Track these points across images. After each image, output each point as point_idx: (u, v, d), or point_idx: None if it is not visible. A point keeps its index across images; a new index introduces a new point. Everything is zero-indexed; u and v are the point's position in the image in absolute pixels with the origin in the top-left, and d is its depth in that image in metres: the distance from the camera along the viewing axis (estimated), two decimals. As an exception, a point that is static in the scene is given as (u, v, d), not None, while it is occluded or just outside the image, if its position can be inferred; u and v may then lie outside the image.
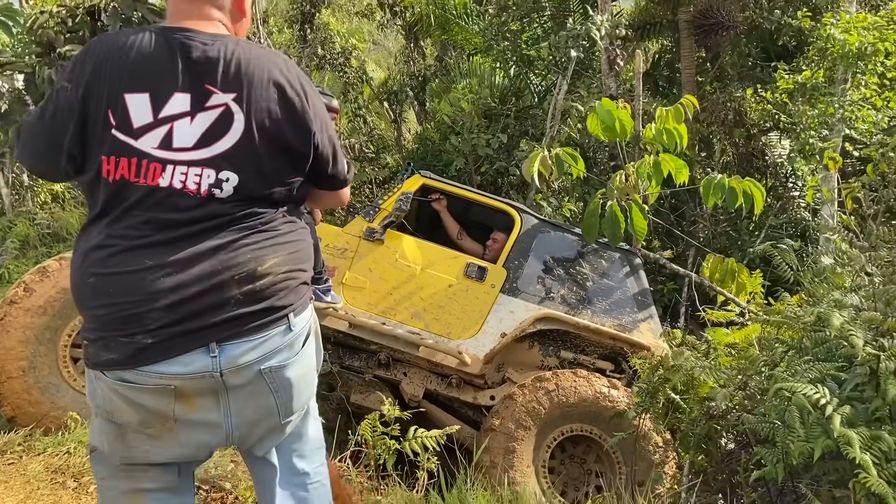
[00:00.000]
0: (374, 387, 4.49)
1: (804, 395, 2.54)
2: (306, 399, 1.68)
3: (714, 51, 9.73)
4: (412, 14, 11.18)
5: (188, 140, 1.49)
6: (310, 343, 1.66)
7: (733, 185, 4.63)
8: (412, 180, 4.80)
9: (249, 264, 1.51)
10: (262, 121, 1.52)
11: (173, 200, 1.48)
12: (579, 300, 4.66)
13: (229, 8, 1.63)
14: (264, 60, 1.55)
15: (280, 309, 1.55)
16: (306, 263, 1.65)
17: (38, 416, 3.71)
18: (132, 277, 1.46)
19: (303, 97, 1.58)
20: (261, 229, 1.56)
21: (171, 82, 1.49)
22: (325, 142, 1.65)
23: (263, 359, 1.53)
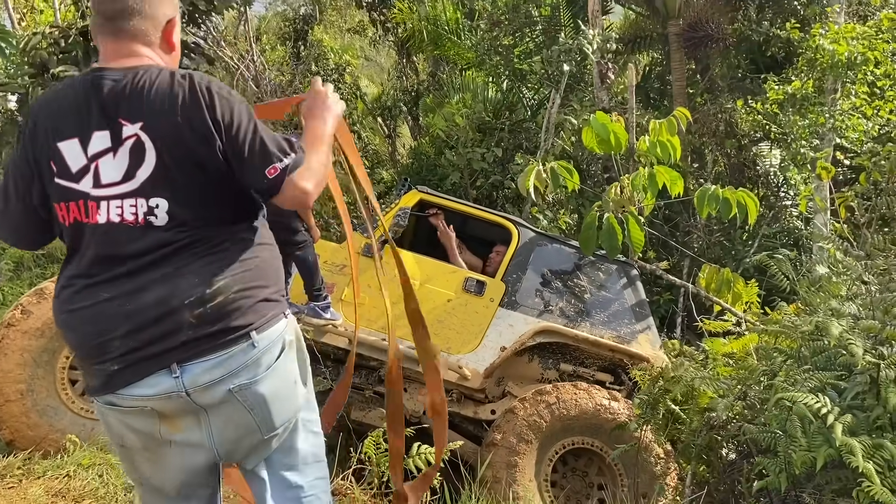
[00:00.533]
0: (375, 403, 4.48)
1: (805, 404, 2.55)
2: (290, 412, 1.70)
3: (704, 63, 9.83)
4: (404, 30, 11.25)
5: (115, 175, 1.56)
6: (286, 357, 1.66)
7: (727, 196, 4.66)
8: (409, 195, 4.81)
9: (197, 289, 1.55)
10: (168, 143, 1.56)
11: (116, 234, 1.56)
12: (578, 312, 4.68)
13: (158, 43, 1.68)
14: (166, 83, 1.58)
15: (237, 329, 1.58)
16: (263, 280, 1.65)
17: (36, 440, 3.69)
18: (93, 311, 1.56)
19: (204, 109, 1.56)
20: (207, 253, 1.59)
21: (91, 123, 1.57)
22: (238, 146, 1.58)
23: (228, 377, 1.57)
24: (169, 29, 1.70)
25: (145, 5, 1.64)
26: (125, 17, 1.62)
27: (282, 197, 1.62)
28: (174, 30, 1.72)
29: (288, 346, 1.67)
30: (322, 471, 1.79)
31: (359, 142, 11.39)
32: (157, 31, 1.67)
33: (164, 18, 1.68)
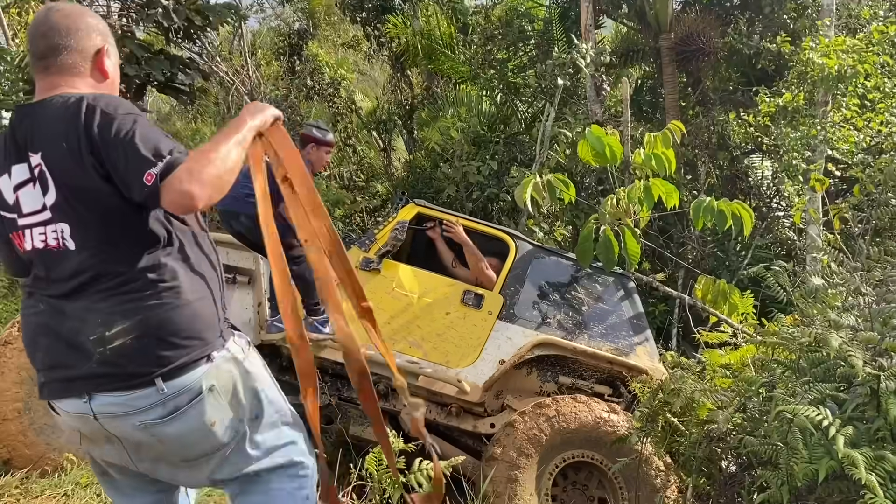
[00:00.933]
0: (374, 418, 4.46)
1: (806, 416, 2.56)
2: (206, 449, 1.74)
3: (695, 76, 9.92)
4: (398, 44, 11.31)
5: (35, 204, 1.65)
6: (200, 403, 1.68)
7: (722, 208, 4.70)
8: (407, 209, 4.83)
9: (99, 328, 1.61)
10: (59, 171, 1.62)
11: (44, 259, 1.67)
12: (576, 325, 4.69)
13: (89, 73, 1.76)
14: (59, 111, 1.64)
15: (138, 375, 1.62)
16: (171, 325, 1.65)
17: (34, 459, 3.67)
18: (31, 321, 1.73)
19: (81, 131, 1.59)
20: (114, 292, 1.64)
21: (11, 158, 1.68)
22: (113, 159, 1.59)
23: (134, 413, 1.63)
24: (99, 58, 1.78)
25: (72, 40, 1.72)
26: (54, 53, 1.71)
27: (165, 204, 1.57)
28: (104, 59, 1.79)
29: (206, 392, 1.68)
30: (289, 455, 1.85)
31: (354, 155, 11.43)
32: (87, 62, 1.75)
33: (93, 49, 1.76)
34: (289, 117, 10.58)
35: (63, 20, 1.73)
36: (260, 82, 12.05)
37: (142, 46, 7.89)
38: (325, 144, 4.37)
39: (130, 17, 7.76)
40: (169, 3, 7.40)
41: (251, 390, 1.79)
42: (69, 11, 1.76)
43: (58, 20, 1.73)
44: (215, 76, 11.58)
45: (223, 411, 1.73)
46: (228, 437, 1.75)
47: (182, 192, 1.53)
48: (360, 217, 10.09)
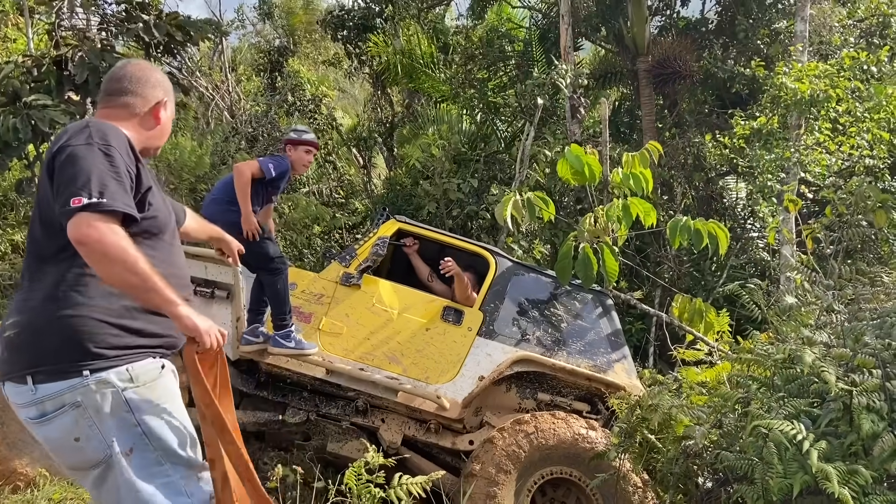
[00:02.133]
0: (352, 434, 4.44)
1: (781, 431, 2.60)
2: (75, 462, 1.83)
3: (672, 98, 10.11)
4: (379, 63, 11.38)
5: None
6: (65, 415, 1.76)
7: (699, 228, 4.78)
8: (388, 225, 4.84)
9: (8, 318, 1.83)
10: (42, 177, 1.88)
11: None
12: (555, 342, 4.71)
13: (142, 117, 2.08)
14: (64, 131, 1.90)
15: (16, 367, 1.79)
16: (59, 333, 1.76)
17: (6, 474, 3.60)
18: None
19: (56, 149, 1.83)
20: (27, 288, 1.85)
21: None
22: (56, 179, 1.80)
23: (20, 406, 1.81)
24: (157, 108, 2.10)
25: (138, 87, 2.07)
26: (119, 94, 2.05)
27: (67, 228, 1.74)
28: (161, 110, 2.11)
29: (70, 407, 1.76)
30: None
31: (334, 172, 11.43)
32: (146, 107, 2.08)
33: (154, 100, 2.09)
34: (269, 133, 10.57)
35: (136, 72, 2.09)
36: (240, 98, 12.04)
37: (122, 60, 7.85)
38: (302, 143, 4.37)
39: (110, 32, 7.73)
40: (150, 17, 7.38)
41: (125, 420, 1.81)
42: (143, 66, 2.14)
43: (131, 71, 2.09)
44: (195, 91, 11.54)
45: (88, 430, 1.78)
46: (96, 458, 1.80)
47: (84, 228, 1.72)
48: (339, 233, 10.07)
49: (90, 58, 7.03)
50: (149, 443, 1.84)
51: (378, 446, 4.19)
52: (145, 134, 2.08)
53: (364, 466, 3.12)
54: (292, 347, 4.20)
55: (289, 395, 4.51)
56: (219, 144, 10.32)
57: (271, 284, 4.18)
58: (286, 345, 4.19)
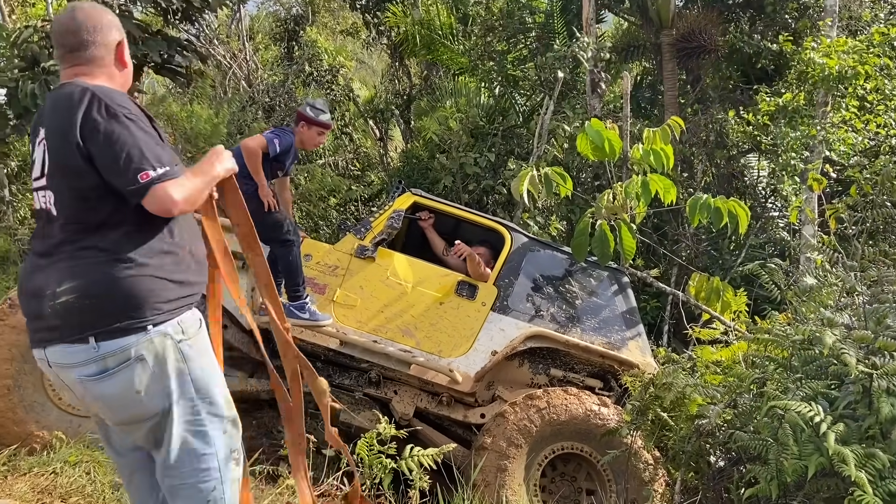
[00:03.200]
0: (365, 405, 4.47)
1: (798, 412, 2.57)
2: (136, 415, 1.92)
3: (695, 73, 9.91)
4: (397, 34, 11.25)
5: (37, 171, 1.96)
6: (129, 369, 1.86)
7: (718, 206, 4.70)
8: (403, 198, 4.81)
9: (52, 285, 1.86)
10: (52, 148, 1.91)
11: (40, 218, 1.98)
12: (569, 318, 4.69)
13: (112, 64, 2.05)
14: (64, 98, 1.90)
15: (78, 329, 1.84)
16: (116, 294, 1.86)
17: (22, 436, 3.65)
18: (20, 276, 2.00)
19: (76, 119, 1.86)
20: (72, 255, 1.88)
21: (34, 132, 1.99)
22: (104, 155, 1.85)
23: (75, 366, 1.86)
24: (120, 50, 2.07)
25: (98, 36, 2.01)
26: (83, 47, 1.99)
27: (147, 203, 1.86)
28: (124, 50, 2.08)
29: (135, 361, 1.86)
30: (203, 463, 1.97)
31: (350, 144, 11.37)
32: (111, 54, 2.04)
33: (114, 42, 2.05)
34: (286, 103, 10.52)
35: (89, 20, 2.01)
36: (257, 67, 11.97)
37: (139, 27, 7.81)
38: (317, 124, 4.33)
39: (129, -3, 7.69)
40: (168, -17, 7.34)
41: (181, 372, 1.94)
42: (90, 11, 2.05)
43: (83, 18, 2.01)
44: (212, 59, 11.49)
45: (150, 383, 1.89)
46: (154, 409, 1.91)
47: (169, 199, 1.86)
48: (354, 206, 10.05)
49: (108, 24, 7.01)
50: (195, 393, 1.96)
51: (390, 417, 4.21)
52: (119, 82, 2.07)
53: (376, 437, 3.13)
54: (307, 318, 4.22)
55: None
56: (235, 114, 10.29)
57: (283, 256, 4.19)
58: (301, 316, 4.20)
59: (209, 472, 1.98)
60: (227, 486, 2.02)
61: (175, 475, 1.96)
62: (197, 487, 1.96)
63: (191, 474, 1.96)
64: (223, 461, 2.01)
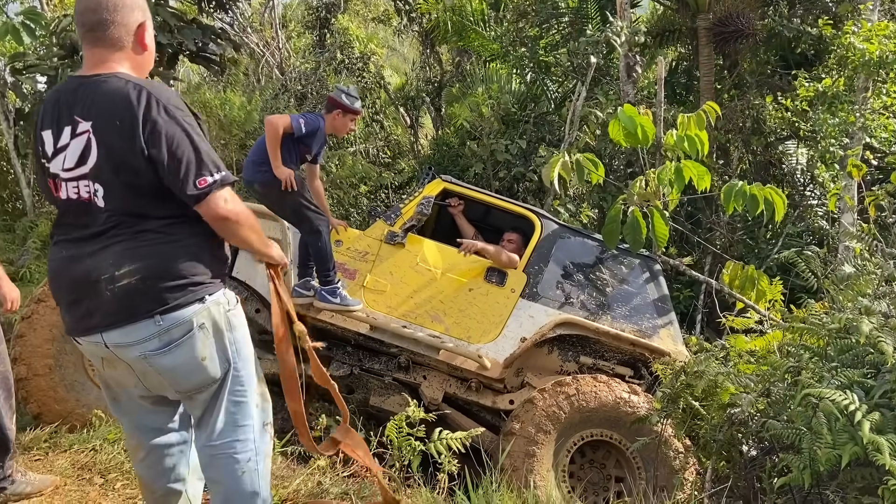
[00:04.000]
0: (394, 390, 4.51)
1: (832, 401, 2.53)
2: (197, 381, 2.01)
3: (732, 58, 9.71)
4: (429, 20, 11.21)
5: (71, 161, 1.93)
6: (192, 337, 1.95)
7: (755, 193, 4.62)
8: (433, 184, 4.82)
9: (110, 269, 1.89)
10: (108, 143, 1.89)
11: (73, 207, 1.95)
12: (599, 305, 4.66)
13: (131, 47, 2.01)
14: (116, 93, 1.89)
15: (141, 308, 1.90)
16: (174, 271, 1.93)
17: (63, 414, 3.76)
18: (57, 264, 2.00)
19: (139, 123, 1.87)
20: (127, 238, 1.91)
21: (60, 119, 1.94)
22: (166, 159, 1.88)
23: (137, 344, 1.92)
24: (140, 32, 2.02)
25: (118, 15, 1.97)
26: (102, 27, 1.96)
27: (202, 207, 1.92)
28: (145, 33, 2.03)
29: (197, 329, 1.96)
30: (241, 434, 2.06)
31: (381, 131, 11.40)
32: (130, 35, 2.00)
33: (135, 24, 2.01)
34: (317, 91, 10.57)
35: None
36: (289, 54, 12.04)
37: (175, 15, 7.92)
38: (353, 112, 4.34)
39: (164, -14, 7.79)
40: (203, -28, 7.41)
41: (231, 339, 2.05)
42: None
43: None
44: (246, 47, 11.59)
45: (211, 348, 1.99)
46: (217, 373, 2.02)
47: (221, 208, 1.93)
48: (385, 193, 10.08)
49: (144, 12, 7.11)
50: (240, 362, 2.07)
51: (419, 402, 4.24)
52: (139, 64, 2.04)
53: (405, 420, 3.16)
54: (338, 303, 4.26)
55: (334, 349, 4.59)
56: (268, 101, 10.37)
57: (313, 243, 4.23)
58: (332, 300, 4.25)
59: (246, 443, 2.06)
60: (262, 459, 2.10)
61: (216, 445, 2.04)
62: (234, 458, 2.04)
63: (230, 445, 2.04)
64: (259, 433, 2.10)
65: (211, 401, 2.05)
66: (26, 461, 3.26)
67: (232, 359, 2.04)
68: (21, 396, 3.69)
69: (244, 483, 2.05)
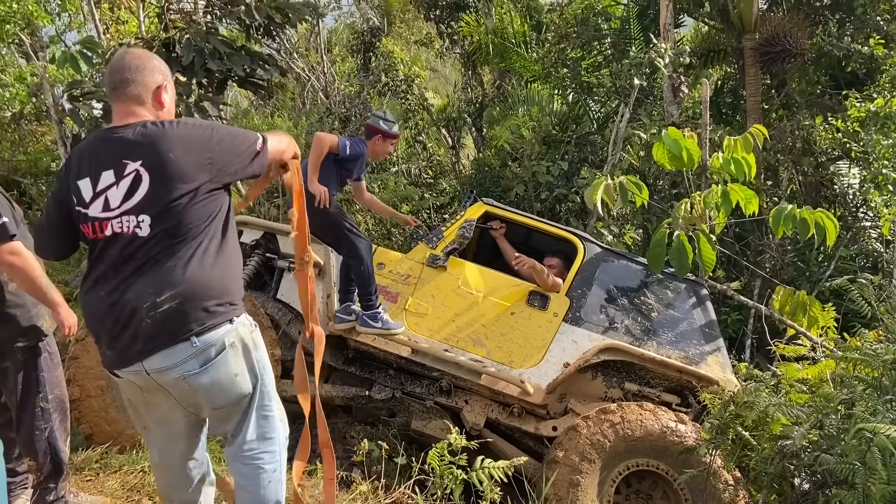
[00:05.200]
0: (436, 414, 4.49)
1: (887, 435, 2.45)
2: (233, 396, 2.18)
3: (780, 78, 9.53)
4: (470, 42, 11.31)
5: (116, 200, 2.11)
6: (225, 355, 2.13)
7: (805, 216, 4.52)
8: (475, 207, 4.83)
9: (150, 297, 2.05)
10: (160, 173, 2.09)
11: (115, 242, 2.12)
12: (644, 331, 4.59)
13: (150, 103, 2.26)
14: (160, 134, 2.13)
15: (180, 331, 2.06)
16: (208, 293, 2.11)
17: (114, 435, 3.85)
18: (93, 304, 2.14)
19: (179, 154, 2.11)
20: (166, 266, 2.08)
21: (100, 165, 2.14)
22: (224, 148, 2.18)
23: (175, 366, 2.07)
24: (158, 93, 2.27)
25: (139, 76, 2.23)
26: (125, 84, 2.22)
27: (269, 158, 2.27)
28: (162, 94, 2.28)
29: (229, 347, 2.13)
30: (269, 447, 2.26)
31: (423, 152, 11.50)
32: (149, 94, 2.25)
33: (154, 85, 2.26)
34: (360, 114, 10.73)
35: (134, 60, 2.25)
36: (334, 78, 12.27)
37: (224, 42, 8.14)
38: (392, 137, 4.44)
39: (215, 15, 8.03)
40: (251, 1, 7.61)
41: (257, 356, 2.24)
42: (139, 54, 2.31)
43: (129, 60, 2.25)
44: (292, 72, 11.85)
45: (242, 364, 2.17)
46: (250, 386, 2.20)
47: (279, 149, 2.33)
48: (426, 213, 10.14)
49: (196, 40, 7.33)
50: (266, 378, 2.26)
51: (461, 427, 4.23)
52: (158, 119, 2.26)
53: (447, 448, 3.14)
54: (379, 328, 4.28)
55: (375, 371, 4.60)
56: (313, 125, 10.56)
57: (354, 267, 4.27)
58: (373, 325, 4.27)
59: (274, 454, 2.26)
60: (283, 469, 2.30)
61: (247, 455, 2.23)
62: (263, 468, 2.24)
63: (260, 455, 2.24)
64: (282, 444, 2.30)
65: (243, 415, 2.23)
66: (78, 482, 3.34)
67: (259, 374, 2.22)
68: (74, 417, 3.78)
69: (270, 491, 2.24)
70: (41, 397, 2.93)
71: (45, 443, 2.92)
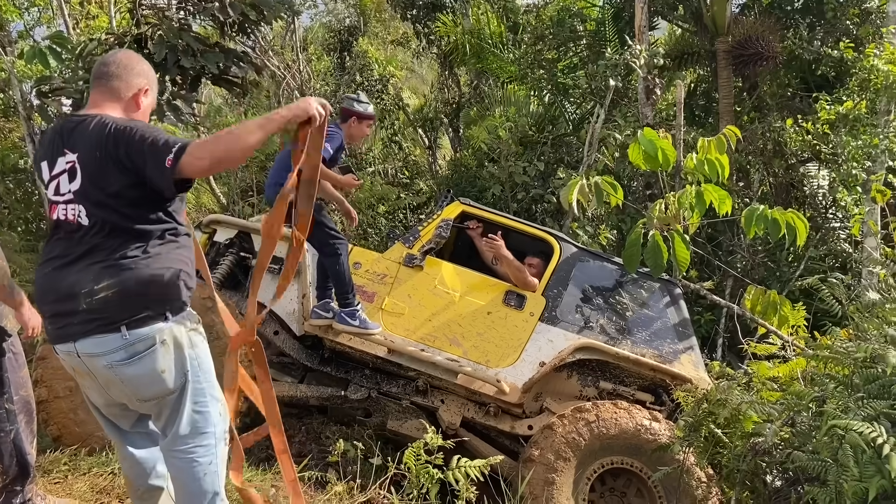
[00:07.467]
0: (412, 414, 4.48)
1: (859, 432, 2.48)
2: (157, 392, 2.21)
3: (752, 81, 9.66)
4: (447, 43, 11.31)
5: (64, 188, 2.23)
6: (154, 351, 2.17)
7: (776, 217, 4.57)
8: (452, 207, 4.82)
9: (90, 283, 2.12)
10: (89, 169, 2.18)
11: (63, 228, 2.23)
12: (619, 330, 4.62)
13: (127, 101, 2.34)
14: (98, 126, 2.19)
15: (113, 320, 2.13)
16: (144, 289, 2.15)
17: (83, 436, 3.77)
18: (42, 279, 2.24)
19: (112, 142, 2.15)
20: (106, 258, 2.15)
21: (56, 151, 2.26)
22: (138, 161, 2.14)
23: (105, 354, 2.14)
24: (137, 95, 2.36)
25: (124, 72, 2.34)
26: (107, 77, 2.32)
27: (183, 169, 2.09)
28: (141, 97, 2.37)
29: (159, 344, 2.18)
30: (203, 441, 2.27)
31: (399, 152, 11.47)
32: (129, 93, 2.34)
33: (136, 87, 2.36)
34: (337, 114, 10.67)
35: (124, 59, 2.37)
36: (310, 77, 12.18)
37: (198, 39, 8.03)
38: (367, 118, 4.44)
39: (188, 11, 7.92)
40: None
41: (190, 355, 2.25)
42: (132, 55, 2.43)
43: (121, 58, 2.38)
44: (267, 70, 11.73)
45: (171, 362, 2.21)
46: (174, 385, 2.22)
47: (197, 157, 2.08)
48: (403, 213, 10.11)
49: (168, 36, 7.22)
50: (201, 375, 2.28)
51: (437, 426, 4.22)
52: (130, 118, 2.32)
53: (423, 447, 3.13)
54: (357, 326, 4.26)
55: (351, 371, 4.58)
56: (289, 123, 10.46)
57: (331, 265, 4.25)
58: (351, 323, 4.25)
59: (208, 448, 2.28)
60: (220, 463, 2.33)
61: (180, 449, 2.25)
62: (196, 461, 2.26)
63: (193, 449, 2.26)
64: (219, 439, 2.32)
65: (173, 409, 2.25)
66: (46, 484, 3.27)
67: (191, 373, 2.24)
68: (41, 419, 3.70)
69: (206, 483, 2.26)
70: (6, 398, 2.86)
71: (11, 445, 2.86)
